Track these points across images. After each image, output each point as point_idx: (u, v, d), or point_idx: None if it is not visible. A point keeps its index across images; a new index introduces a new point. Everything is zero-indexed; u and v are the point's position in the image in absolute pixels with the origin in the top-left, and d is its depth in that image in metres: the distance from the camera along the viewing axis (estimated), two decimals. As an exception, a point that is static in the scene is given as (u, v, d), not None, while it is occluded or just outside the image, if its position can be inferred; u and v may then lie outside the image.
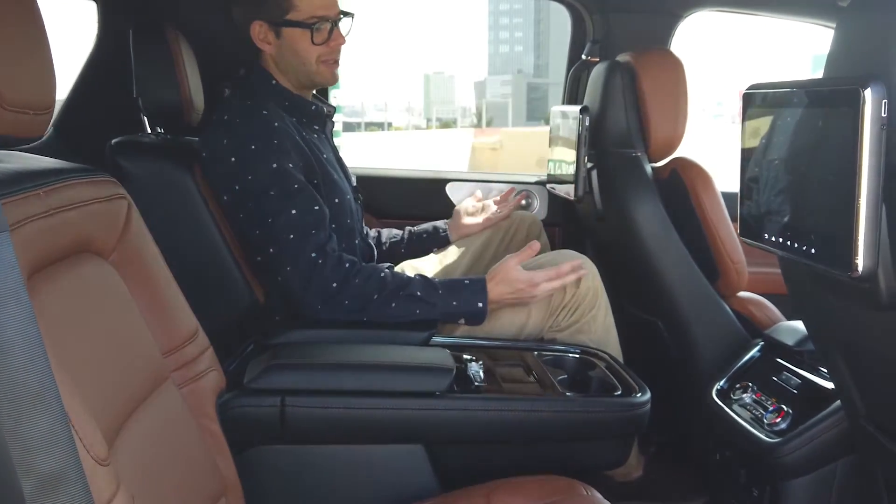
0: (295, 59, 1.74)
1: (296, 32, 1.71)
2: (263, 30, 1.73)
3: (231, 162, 1.62)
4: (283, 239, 1.59)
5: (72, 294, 0.91)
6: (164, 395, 1.05)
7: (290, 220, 1.59)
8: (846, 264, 0.85)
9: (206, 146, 1.70)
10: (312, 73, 1.75)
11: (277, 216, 1.59)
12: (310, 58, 1.73)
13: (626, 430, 1.45)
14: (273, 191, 1.60)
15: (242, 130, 1.64)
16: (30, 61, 0.86)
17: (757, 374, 1.71)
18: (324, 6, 1.72)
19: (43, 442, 0.63)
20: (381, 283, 1.59)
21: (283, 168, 1.61)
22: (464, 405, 1.37)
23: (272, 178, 1.60)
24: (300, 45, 1.72)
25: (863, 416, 1.17)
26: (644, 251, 1.87)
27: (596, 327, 1.75)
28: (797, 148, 0.97)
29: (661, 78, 1.90)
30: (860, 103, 0.82)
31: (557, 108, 2.25)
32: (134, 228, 1.10)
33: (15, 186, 0.84)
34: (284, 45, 1.73)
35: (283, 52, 1.74)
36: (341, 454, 1.36)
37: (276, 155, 1.61)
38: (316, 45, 1.72)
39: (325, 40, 1.73)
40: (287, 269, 1.59)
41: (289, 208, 1.59)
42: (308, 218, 1.60)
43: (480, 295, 1.63)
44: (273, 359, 1.36)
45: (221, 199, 1.67)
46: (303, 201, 1.61)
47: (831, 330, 1.15)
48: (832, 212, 0.88)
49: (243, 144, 1.62)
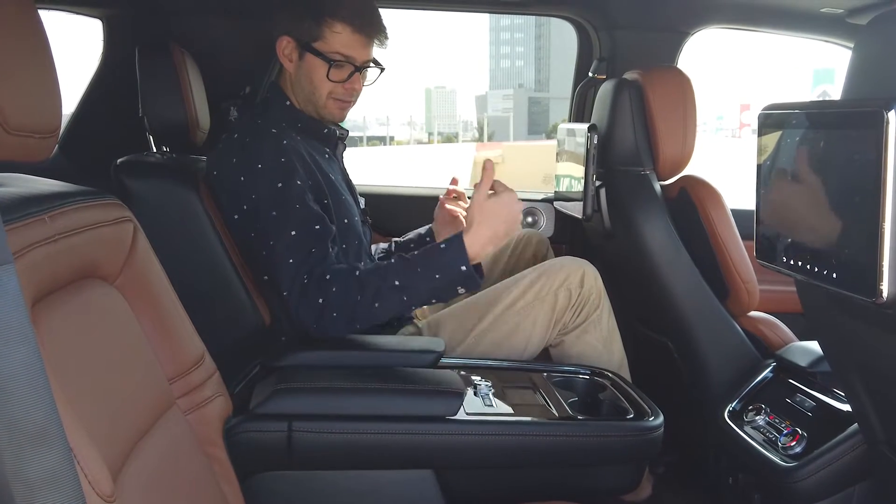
0: (308, 86, 1.73)
1: (316, 61, 1.70)
2: (290, 47, 1.72)
3: (240, 181, 1.61)
4: (282, 263, 1.55)
5: (76, 321, 0.89)
6: (170, 423, 1.03)
7: (289, 243, 1.55)
8: (870, 290, 0.83)
9: (216, 165, 1.69)
10: (320, 106, 1.74)
11: (278, 239, 1.56)
12: (321, 90, 1.72)
13: (638, 454, 1.42)
14: (275, 211, 1.57)
15: (251, 149, 1.62)
16: (35, 85, 0.85)
17: (770, 396, 1.68)
18: (350, 48, 1.69)
19: (46, 481, 0.61)
20: (359, 284, 1.47)
21: (287, 187, 1.58)
22: (475, 429, 1.34)
23: (276, 199, 1.58)
24: (316, 75, 1.71)
25: (882, 442, 1.15)
26: (653, 270, 1.85)
27: (601, 327, 1.79)
28: (817, 170, 0.95)
29: (670, 95, 1.88)
30: (884, 125, 0.80)
31: (564, 126, 2.24)
32: (140, 251, 1.08)
33: (19, 212, 0.82)
34: (303, 68, 1.72)
35: (300, 75, 1.73)
36: (350, 480, 1.34)
37: (282, 174, 1.59)
38: (331, 80, 1.71)
39: (341, 80, 1.71)
40: (284, 293, 1.54)
41: (288, 230, 1.55)
42: (307, 239, 1.55)
43: (460, 257, 1.44)
44: (280, 383, 1.33)
45: (231, 218, 1.66)
46: (303, 222, 1.57)
47: (850, 353, 1.13)
48: (855, 236, 0.86)
49: (251, 163, 1.60)
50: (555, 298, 1.77)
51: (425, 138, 74.81)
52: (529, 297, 1.77)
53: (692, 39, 2.32)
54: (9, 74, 0.80)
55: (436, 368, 1.50)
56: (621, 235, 1.94)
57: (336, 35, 1.68)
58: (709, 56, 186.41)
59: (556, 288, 1.77)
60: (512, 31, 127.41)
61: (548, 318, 1.77)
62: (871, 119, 0.82)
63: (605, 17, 2.30)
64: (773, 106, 1.06)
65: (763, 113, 1.07)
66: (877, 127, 0.81)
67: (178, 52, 1.86)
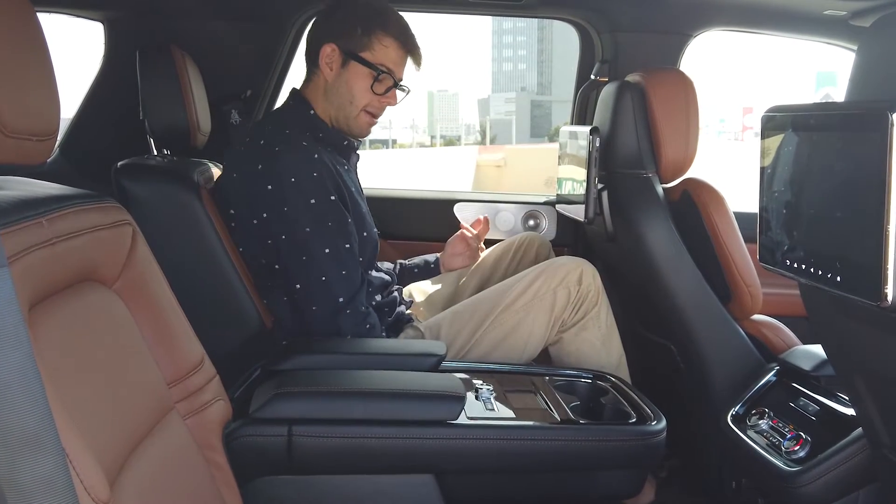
0: (346, 95, 1.74)
1: (361, 71, 1.72)
2: (335, 54, 1.73)
3: (266, 189, 1.62)
4: (314, 279, 1.61)
5: (74, 325, 0.88)
6: (169, 428, 1.02)
7: (323, 260, 1.61)
8: (875, 293, 0.82)
9: (237, 168, 1.69)
10: (351, 117, 1.76)
11: (311, 255, 1.61)
12: (359, 101, 1.74)
13: (641, 459, 1.41)
14: (309, 227, 1.60)
15: (283, 160, 1.62)
16: (33, 87, 0.85)
17: (773, 400, 1.67)
18: (395, 64, 1.75)
19: (40, 487, 0.60)
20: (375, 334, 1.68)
21: (321, 203, 1.61)
22: (476, 434, 1.34)
23: (309, 214, 1.61)
24: (357, 85, 1.73)
25: (886, 446, 1.14)
26: (656, 273, 1.84)
27: (600, 324, 1.81)
28: (821, 172, 0.94)
29: (672, 98, 1.87)
30: (888, 127, 0.80)
31: (566, 129, 2.23)
32: (139, 255, 1.07)
33: (16, 215, 0.82)
34: (343, 77, 1.73)
35: (338, 83, 1.74)
36: (350, 484, 1.33)
37: (315, 189, 1.61)
38: (373, 92, 1.73)
39: (382, 93, 1.75)
40: (313, 308, 1.62)
41: (322, 247, 1.61)
42: (341, 257, 1.62)
43: None
44: (280, 387, 1.33)
45: (248, 222, 1.66)
46: (337, 240, 1.62)
47: (854, 357, 1.12)
48: (859, 239, 0.85)
49: (282, 174, 1.61)
50: (554, 297, 1.78)
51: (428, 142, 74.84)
52: (529, 296, 1.78)
53: (695, 42, 2.32)
54: (7, 77, 0.80)
55: (437, 372, 1.49)
56: (623, 238, 1.93)
57: (384, 49, 1.72)
58: (711, 58, 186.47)
59: (556, 287, 1.78)
60: (514, 35, 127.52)
61: (547, 317, 1.78)
62: (874, 121, 0.81)
63: (607, 20, 2.30)
64: (776, 108, 1.05)
65: (766, 115, 1.06)
66: (881, 129, 0.80)
67: (179, 55, 1.86)
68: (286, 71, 2.36)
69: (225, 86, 2.15)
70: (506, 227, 2.50)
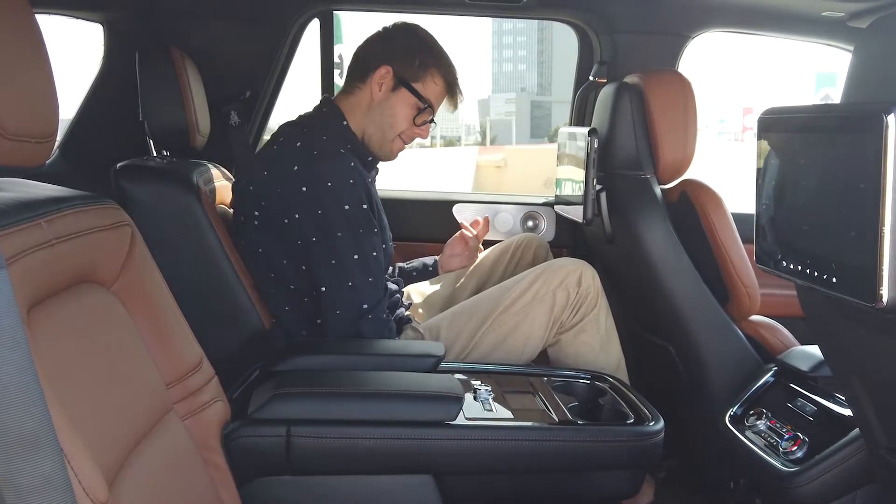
0: (388, 118, 1.78)
1: (408, 100, 1.77)
2: (388, 77, 1.76)
3: (301, 191, 1.63)
4: (342, 283, 1.63)
5: (72, 327, 0.89)
6: (167, 429, 1.03)
7: (351, 265, 1.63)
8: (870, 295, 0.83)
9: (269, 166, 1.69)
10: (387, 141, 1.80)
11: (341, 259, 1.62)
12: (398, 126, 1.78)
13: (639, 460, 1.42)
14: (341, 232, 1.62)
15: (321, 164, 1.64)
16: (32, 89, 0.85)
17: (771, 401, 1.68)
18: (437, 99, 1.81)
19: (38, 487, 0.60)
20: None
21: (354, 210, 1.63)
22: (474, 434, 1.34)
23: (343, 220, 1.62)
24: (400, 112, 1.77)
25: (883, 447, 1.14)
26: (654, 274, 1.84)
27: (598, 326, 1.81)
28: (817, 174, 0.94)
29: (670, 99, 1.88)
30: (883, 129, 0.80)
31: (565, 130, 2.24)
32: (137, 256, 1.07)
33: (14, 217, 0.82)
34: (390, 101, 1.77)
35: (384, 105, 1.77)
36: (348, 485, 1.33)
37: (350, 196, 1.63)
38: (412, 122, 1.78)
39: (420, 124, 1.80)
40: (336, 311, 1.64)
41: (352, 253, 1.63)
42: (368, 265, 1.64)
43: None
44: (278, 387, 1.33)
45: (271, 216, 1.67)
46: (366, 247, 1.64)
47: (850, 358, 1.12)
48: (854, 240, 0.86)
49: (319, 178, 1.63)
50: (553, 298, 1.78)
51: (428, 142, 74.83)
52: (528, 297, 1.78)
53: (695, 42, 2.32)
54: (6, 79, 0.80)
55: (435, 373, 1.49)
56: (622, 239, 1.93)
57: (434, 85, 1.79)
58: (712, 59, 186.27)
59: (555, 288, 1.78)
60: (514, 35, 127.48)
61: (546, 319, 1.79)
62: (870, 123, 0.82)
63: (605, 21, 2.30)
64: (772, 110, 1.05)
65: (762, 117, 1.06)
66: (876, 130, 0.80)
67: (178, 56, 1.86)
68: (286, 72, 2.36)
69: (224, 87, 2.15)
70: (504, 228, 2.50)
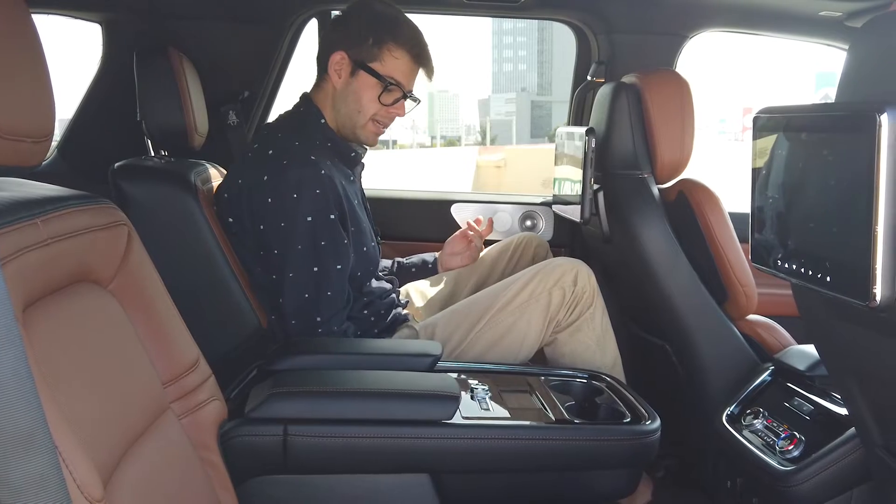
0: (354, 104, 1.73)
1: (369, 81, 1.71)
2: (344, 62, 1.72)
3: (267, 202, 1.62)
4: (298, 296, 1.62)
5: (69, 326, 0.89)
6: (164, 428, 1.03)
7: (309, 278, 1.61)
8: (864, 293, 0.83)
9: (242, 175, 1.69)
10: (359, 127, 1.75)
11: (298, 272, 1.61)
12: (367, 111, 1.73)
13: (636, 458, 1.42)
14: (301, 245, 1.60)
15: (288, 174, 1.61)
16: (28, 89, 0.85)
17: (768, 400, 1.68)
18: (404, 75, 1.73)
19: (33, 485, 0.60)
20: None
21: (317, 221, 1.61)
22: (471, 433, 1.34)
23: (304, 233, 1.60)
24: (365, 95, 1.72)
25: (879, 445, 1.14)
26: (651, 273, 1.84)
27: (594, 325, 1.81)
28: (811, 173, 0.95)
29: (668, 99, 1.88)
30: (876, 128, 0.80)
31: (563, 129, 2.24)
32: (134, 255, 1.07)
33: (10, 216, 0.82)
34: (352, 86, 1.72)
35: (346, 92, 1.73)
36: (345, 484, 1.33)
37: (315, 207, 1.60)
38: (380, 102, 1.72)
39: (390, 104, 1.74)
40: (292, 322, 1.63)
41: (311, 265, 1.61)
42: (329, 278, 1.62)
43: None
44: (275, 387, 1.33)
45: (242, 227, 1.66)
46: (327, 260, 1.62)
47: (846, 357, 1.12)
48: (848, 239, 0.86)
49: (283, 189, 1.61)
50: (549, 297, 1.78)
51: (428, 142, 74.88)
52: (524, 296, 1.78)
53: (695, 42, 2.32)
54: (2, 79, 0.80)
55: (432, 372, 1.50)
56: (619, 239, 1.93)
57: (395, 60, 1.71)
58: (712, 59, 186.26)
59: (551, 287, 1.78)
60: (514, 35, 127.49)
61: (542, 318, 1.78)
62: (863, 122, 0.82)
63: (603, 21, 2.30)
64: (767, 109, 1.06)
65: (758, 116, 1.07)
66: (869, 130, 0.81)
67: (176, 57, 1.86)
68: (284, 72, 2.37)
69: (222, 87, 2.15)
70: (503, 228, 2.51)
